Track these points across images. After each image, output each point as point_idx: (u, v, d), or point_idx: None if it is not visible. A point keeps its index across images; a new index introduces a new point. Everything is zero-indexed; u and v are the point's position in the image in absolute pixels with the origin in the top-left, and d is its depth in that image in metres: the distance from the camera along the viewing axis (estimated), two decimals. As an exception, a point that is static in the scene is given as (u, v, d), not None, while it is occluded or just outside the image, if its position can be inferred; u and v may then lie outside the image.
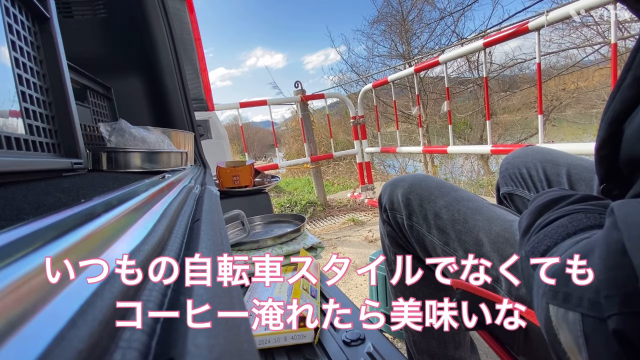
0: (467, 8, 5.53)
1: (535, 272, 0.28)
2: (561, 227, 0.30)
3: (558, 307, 0.24)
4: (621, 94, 0.31)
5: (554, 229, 0.30)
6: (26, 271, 0.10)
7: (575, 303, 0.22)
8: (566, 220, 0.30)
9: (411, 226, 0.59)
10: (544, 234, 0.31)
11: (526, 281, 0.33)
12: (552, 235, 0.30)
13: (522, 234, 0.37)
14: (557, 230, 0.30)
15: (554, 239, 0.29)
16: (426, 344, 0.66)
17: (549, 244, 0.29)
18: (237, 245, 0.81)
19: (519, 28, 1.32)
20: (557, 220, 0.32)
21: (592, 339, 0.21)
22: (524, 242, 0.35)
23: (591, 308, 0.21)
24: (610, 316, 0.19)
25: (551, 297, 0.24)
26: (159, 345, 0.11)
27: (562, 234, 0.29)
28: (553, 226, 0.31)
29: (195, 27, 1.41)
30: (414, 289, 0.66)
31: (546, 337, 0.26)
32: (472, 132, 5.47)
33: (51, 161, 0.40)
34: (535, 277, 0.28)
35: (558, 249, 0.28)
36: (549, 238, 0.30)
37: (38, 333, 0.09)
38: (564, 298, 0.23)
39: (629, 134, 0.29)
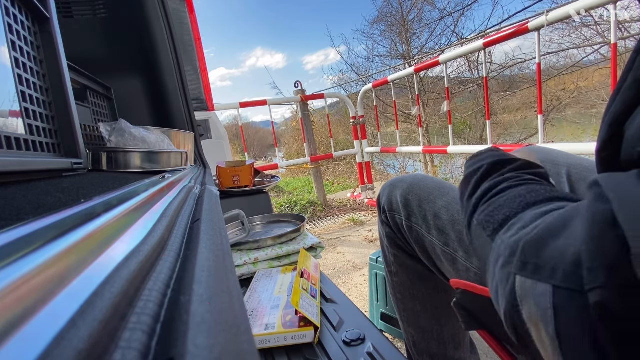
0: (467, 8, 5.54)
1: (495, 242, 0.27)
2: (519, 196, 0.29)
3: (526, 279, 0.23)
4: (622, 95, 0.31)
5: (510, 199, 0.30)
6: (26, 271, 0.10)
7: (547, 274, 0.21)
8: (523, 190, 0.30)
9: (410, 227, 0.58)
10: (499, 203, 0.30)
11: (478, 251, 0.32)
12: (509, 204, 0.29)
13: (466, 198, 0.36)
14: (515, 200, 0.29)
15: (512, 209, 0.28)
16: (426, 344, 0.66)
17: (507, 213, 0.29)
18: (237, 245, 0.81)
19: (519, 28, 1.32)
20: (510, 189, 0.31)
21: (563, 312, 0.20)
22: (468, 208, 0.35)
23: (566, 280, 0.20)
24: (593, 289, 0.18)
25: (519, 268, 0.23)
26: (159, 345, 0.11)
27: (521, 204, 0.28)
28: (508, 195, 0.30)
29: (195, 27, 1.41)
30: (413, 290, 0.66)
31: (503, 310, 0.25)
32: (472, 132, 5.47)
33: (51, 161, 0.40)
34: (494, 247, 0.27)
35: (520, 219, 0.27)
36: (506, 207, 0.29)
37: (38, 333, 0.09)
38: (534, 269, 0.22)
39: (629, 136, 0.29)
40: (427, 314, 0.65)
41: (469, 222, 0.34)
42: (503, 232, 0.27)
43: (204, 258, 0.20)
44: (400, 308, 0.69)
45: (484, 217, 0.31)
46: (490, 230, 0.29)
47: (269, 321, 0.52)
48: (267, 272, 0.72)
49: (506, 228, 0.27)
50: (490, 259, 0.28)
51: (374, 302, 1.09)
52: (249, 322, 0.15)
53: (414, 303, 0.66)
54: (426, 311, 0.65)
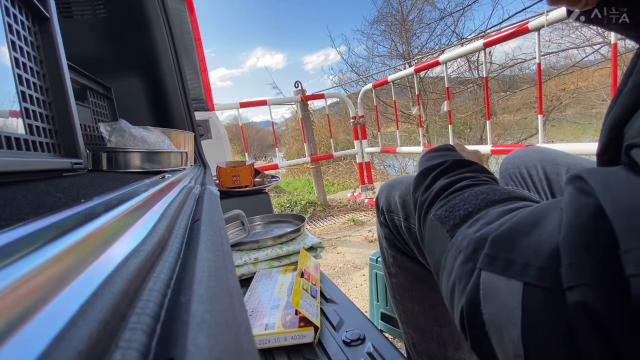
0: (467, 8, 5.54)
1: (455, 238, 0.26)
2: (482, 193, 0.29)
3: (493, 274, 0.21)
4: (622, 99, 0.31)
5: (472, 195, 0.29)
6: (26, 271, 0.10)
7: (518, 271, 0.20)
8: (485, 188, 0.29)
9: (409, 228, 0.58)
10: (460, 199, 0.30)
11: (429, 246, 0.31)
12: (470, 201, 0.28)
13: (421, 191, 0.36)
14: (478, 197, 0.28)
15: (475, 205, 0.28)
16: (425, 345, 0.66)
17: (470, 209, 0.28)
18: (237, 245, 0.81)
19: (519, 28, 1.32)
20: (471, 187, 0.31)
21: (532, 311, 0.19)
22: (424, 202, 0.34)
23: (539, 277, 0.19)
24: (574, 287, 0.17)
25: (486, 263, 0.22)
26: (159, 345, 0.11)
27: (486, 200, 0.28)
28: (470, 192, 0.30)
29: (195, 27, 1.41)
30: (412, 291, 0.66)
31: (459, 310, 0.23)
32: (472, 132, 5.47)
33: (51, 161, 0.40)
34: (454, 242, 0.26)
35: (484, 215, 0.26)
36: (468, 204, 0.28)
37: (38, 333, 0.09)
38: (505, 265, 0.21)
39: (629, 137, 0.29)
40: (426, 314, 0.65)
41: (423, 216, 0.33)
42: (465, 227, 0.26)
43: (204, 258, 0.20)
44: (399, 309, 0.69)
45: (442, 212, 0.30)
46: (450, 225, 0.28)
47: (269, 321, 0.52)
48: (267, 272, 0.72)
49: (469, 223, 0.26)
50: (446, 255, 0.27)
51: (374, 302, 1.09)
52: (249, 322, 0.15)
53: (413, 304, 0.66)
54: (425, 312, 0.65)
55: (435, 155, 0.41)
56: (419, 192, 0.36)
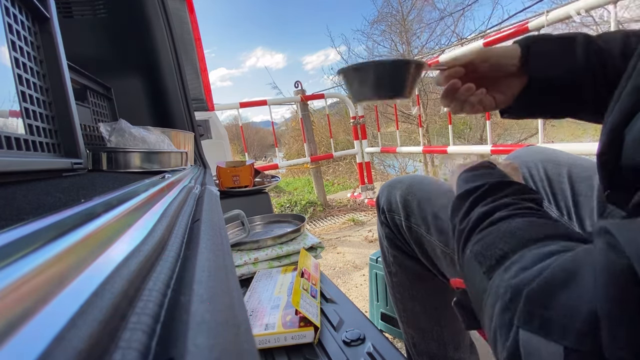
0: (467, 8, 5.54)
1: (492, 281, 0.25)
2: (518, 229, 0.27)
3: (532, 334, 0.20)
4: (621, 102, 0.31)
5: (508, 232, 0.28)
6: (26, 271, 0.10)
7: (558, 333, 0.19)
8: (522, 223, 0.28)
9: (410, 227, 0.58)
10: (496, 234, 0.28)
11: (469, 281, 0.30)
12: (507, 239, 0.27)
13: (459, 219, 0.34)
14: (514, 234, 0.27)
15: (511, 245, 0.26)
16: (426, 345, 0.66)
17: (505, 249, 0.26)
18: (237, 245, 0.80)
19: (519, 28, 1.32)
20: (508, 219, 0.29)
21: None
22: (462, 233, 0.33)
23: (580, 341, 0.18)
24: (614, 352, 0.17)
25: (523, 320, 0.21)
26: (159, 345, 0.11)
27: (522, 239, 0.26)
28: (506, 227, 0.28)
29: (195, 27, 1.41)
30: (413, 290, 0.66)
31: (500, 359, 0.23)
32: (472, 132, 5.47)
33: (51, 161, 0.40)
34: (492, 286, 0.25)
35: (520, 258, 0.25)
36: (503, 242, 0.27)
37: (38, 333, 0.09)
38: (542, 324, 0.20)
39: (629, 141, 0.29)
40: (426, 314, 0.65)
41: (462, 247, 0.32)
42: (501, 271, 0.25)
43: (204, 258, 0.20)
44: (399, 308, 0.69)
45: (479, 249, 0.29)
46: (486, 267, 0.27)
47: (269, 321, 0.52)
48: (267, 272, 0.72)
49: (504, 267, 0.25)
50: (486, 299, 0.26)
51: (374, 302, 1.09)
52: (249, 322, 0.15)
53: (414, 303, 0.66)
54: (425, 312, 0.65)
55: (473, 175, 0.39)
56: (457, 219, 0.35)
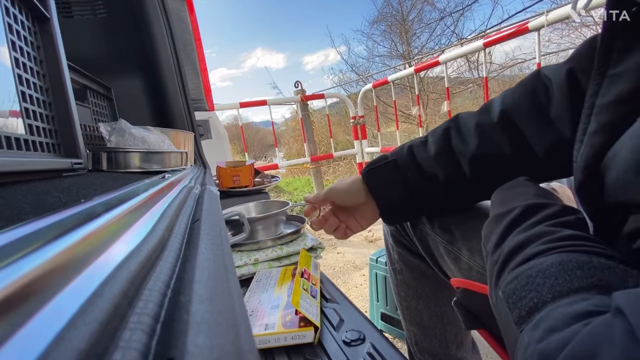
0: (467, 8, 5.54)
1: (522, 338, 0.25)
2: (549, 276, 0.27)
3: None
4: (589, 140, 0.31)
5: (540, 279, 0.27)
6: (26, 271, 0.10)
7: None
8: (556, 267, 0.27)
9: (415, 225, 0.59)
10: (527, 279, 0.28)
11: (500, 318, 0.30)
12: (537, 286, 0.27)
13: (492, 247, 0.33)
14: (545, 281, 0.27)
15: (540, 295, 0.26)
16: (428, 343, 0.66)
17: (535, 300, 0.26)
18: (237, 245, 0.80)
19: (519, 28, 1.32)
20: (541, 256, 0.29)
21: None
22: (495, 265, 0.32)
23: None
24: None
25: None
26: (159, 345, 0.11)
27: (552, 289, 0.26)
28: (539, 269, 0.28)
29: (195, 27, 1.41)
30: (417, 288, 0.66)
31: None
32: (472, 132, 5.46)
33: (51, 161, 0.40)
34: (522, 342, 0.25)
35: (549, 314, 0.25)
36: (534, 290, 0.27)
37: (38, 333, 0.09)
38: None
39: (611, 180, 0.28)
40: (430, 312, 0.65)
41: (495, 281, 0.32)
42: (530, 329, 0.25)
43: (204, 258, 0.20)
44: (403, 306, 0.69)
45: (510, 293, 0.28)
46: (516, 317, 0.27)
47: (269, 321, 0.52)
48: (267, 272, 0.72)
49: (533, 324, 0.25)
50: (517, 351, 0.26)
51: (374, 302, 1.09)
52: (249, 322, 0.15)
53: (417, 301, 0.66)
54: (429, 309, 0.65)
55: (508, 195, 0.37)
56: (490, 246, 0.34)
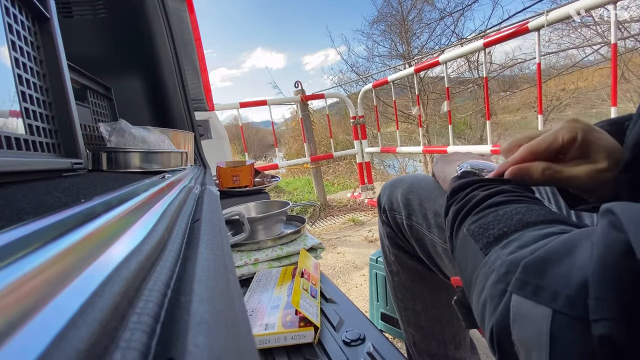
0: (466, 8, 5.54)
1: (489, 257, 0.26)
2: (517, 213, 0.28)
3: (524, 299, 0.22)
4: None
5: (507, 214, 0.28)
6: (26, 271, 0.10)
7: (548, 297, 0.20)
8: (521, 207, 0.29)
9: (411, 226, 0.59)
10: (495, 216, 0.29)
11: (461, 259, 0.31)
12: (505, 220, 0.28)
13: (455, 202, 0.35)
14: (513, 217, 0.28)
15: (510, 225, 0.27)
16: (426, 344, 0.66)
17: (505, 229, 0.27)
18: (237, 245, 0.80)
19: (519, 28, 1.32)
20: (506, 204, 0.30)
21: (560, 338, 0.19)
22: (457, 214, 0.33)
23: (568, 306, 0.19)
24: (599, 320, 0.18)
25: (517, 287, 0.22)
26: (159, 345, 0.11)
27: (521, 221, 0.27)
28: (505, 209, 0.29)
29: (195, 27, 1.41)
30: (414, 290, 0.66)
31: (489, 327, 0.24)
32: (472, 132, 5.47)
33: (51, 161, 0.40)
34: (487, 260, 0.26)
35: (519, 237, 0.26)
36: (502, 222, 0.28)
37: (38, 333, 0.09)
38: (534, 290, 0.21)
39: None
40: (427, 313, 0.65)
41: (456, 227, 0.33)
42: (499, 248, 0.26)
43: (204, 258, 0.20)
44: (400, 308, 0.69)
45: (476, 228, 0.29)
46: (483, 243, 0.28)
47: (269, 321, 0.52)
48: (267, 272, 0.72)
49: (503, 244, 0.26)
50: (478, 272, 0.27)
51: (374, 302, 1.09)
52: (249, 322, 0.15)
53: (414, 302, 0.66)
54: (427, 311, 0.65)
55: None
56: (454, 203, 0.36)
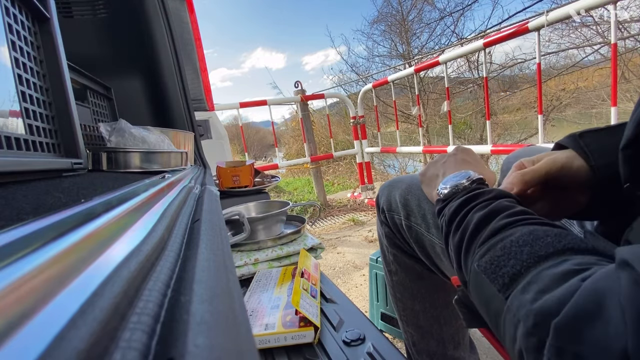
0: (466, 8, 5.53)
1: (510, 302, 0.25)
2: (524, 244, 0.27)
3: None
4: None
5: (515, 246, 0.27)
6: (26, 271, 0.10)
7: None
8: (527, 236, 0.27)
9: (409, 226, 0.58)
10: (502, 249, 0.28)
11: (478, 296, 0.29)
12: (515, 254, 0.27)
13: (453, 228, 0.33)
14: (522, 249, 0.26)
15: (521, 261, 0.26)
16: (425, 344, 0.66)
17: (517, 267, 0.26)
18: (237, 245, 0.80)
19: (519, 28, 1.32)
20: (510, 227, 0.29)
21: None
22: (460, 240, 0.32)
23: None
24: None
25: (554, 353, 0.21)
26: (159, 345, 0.11)
27: (531, 255, 0.26)
28: (511, 240, 0.28)
29: (195, 27, 1.41)
30: (413, 289, 0.66)
31: None
32: (472, 132, 5.46)
33: (51, 161, 0.40)
34: (510, 306, 0.25)
35: (536, 278, 0.24)
36: (513, 258, 0.27)
37: (38, 333, 0.09)
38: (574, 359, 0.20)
39: None
40: (426, 313, 0.65)
41: (464, 260, 0.31)
42: (519, 292, 0.25)
43: (204, 258, 0.20)
44: (399, 307, 0.69)
45: (487, 265, 0.28)
46: (500, 285, 0.27)
47: (269, 321, 0.52)
48: (267, 272, 0.72)
49: (521, 287, 0.25)
50: (504, 317, 0.25)
51: (374, 302, 1.09)
52: (249, 322, 0.15)
53: (413, 302, 0.66)
54: (425, 310, 0.65)
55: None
56: (444, 219, 0.34)
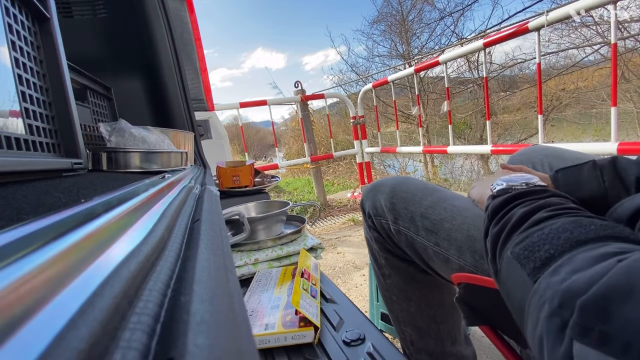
0: (466, 8, 5.54)
1: (539, 284, 0.24)
2: (564, 230, 0.25)
3: (589, 348, 0.19)
4: None
5: (553, 232, 0.26)
6: (26, 271, 0.10)
7: (619, 350, 0.18)
8: (568, 223, 0.26)
9: (398, 230, 0.58)
10: (539, 235, 0.26)
11: (507, 286, 0.28)
12: (552, 240, 0.25)
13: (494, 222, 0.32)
14: (559, 235, 0.25)
15: (557, 246, 0.25)
16: (424, 343, 0.66)
17: (551, 251, 0.25)
18: (237, 245, 0.80)
19: (519, 28, 1.32)
20: (551, 219, 0.28)
21: None
22: (499, 235, 0.31)
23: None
24: None
25: (578, 332, 0.20)
26: (159, 345, 0.11)
27: (568, 240, 0.24)
28: (550, 227, 0.26)
29: (195, 27, 1.41)
30: (407, 291, 0.66)
31: None
32: (472, 132, 5.47)
33: (51, 161, 0.40)
34: (537, 289, 0.24)
35: (569, 260, 0.23)
36: (548, 243, 0.25)
37: (38, 333, 0.09)
38: (600, 339, 0.19)
39: None
40: (422, 313, 0.65)
41: (499, 250, 0.30)
42: (548, 274, 0.24)
43: (204, 258, 0.20)
44: (395, 309, 0.69)
45: (521, 251, 0.27)
46: (530, 268, 0.25)
47: (269, 321, 0.52)
48: (267, 272, 0.72)
49: (552, 269, 0.24)
50: (529, 301, 0.24)
51: (374, 302, 1.09)
52: (249, 322, 0.15)
53: (409, 304, 0.66)
54: (421, 311, 0.65)
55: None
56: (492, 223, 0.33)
